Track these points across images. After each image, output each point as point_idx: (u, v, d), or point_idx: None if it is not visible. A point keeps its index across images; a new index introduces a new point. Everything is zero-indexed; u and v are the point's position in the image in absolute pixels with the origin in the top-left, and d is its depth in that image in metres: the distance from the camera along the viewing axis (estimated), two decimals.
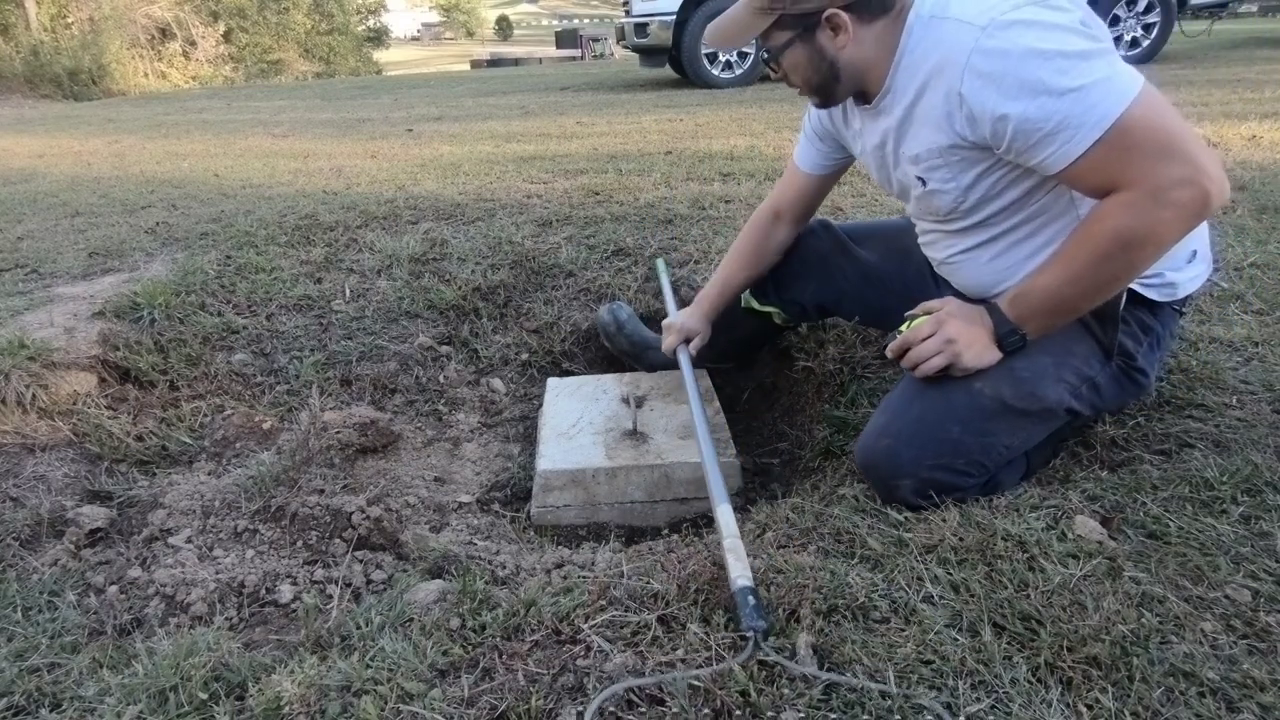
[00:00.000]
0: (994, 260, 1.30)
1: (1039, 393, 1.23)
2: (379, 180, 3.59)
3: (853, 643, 0.93)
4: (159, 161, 4.63)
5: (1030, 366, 1.23)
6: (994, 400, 1.22)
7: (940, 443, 1.22)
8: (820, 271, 1.70)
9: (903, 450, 1.23)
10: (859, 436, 1.32)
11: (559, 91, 8.14)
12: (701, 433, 1.43)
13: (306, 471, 1.50)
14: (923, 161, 1.25)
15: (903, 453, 1.23)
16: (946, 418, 1.23)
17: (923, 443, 1.22)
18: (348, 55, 22.30)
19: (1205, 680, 0.86)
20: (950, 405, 1.24)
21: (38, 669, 1.04)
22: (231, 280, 2.28)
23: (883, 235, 1.69)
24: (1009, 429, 1.23)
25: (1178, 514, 1.12)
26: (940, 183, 1.25)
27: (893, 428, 1.26)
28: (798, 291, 1.73)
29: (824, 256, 1.69)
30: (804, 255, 1.71)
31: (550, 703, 0.88)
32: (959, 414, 1.23)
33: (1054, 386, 1.24)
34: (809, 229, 1.71)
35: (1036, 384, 1.23)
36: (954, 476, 1.22)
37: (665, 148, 4.06)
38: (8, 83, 12.76)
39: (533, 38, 56.28)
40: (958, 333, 1.21)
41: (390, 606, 1.10)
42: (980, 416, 1.22)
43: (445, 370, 2.05)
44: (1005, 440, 1.24)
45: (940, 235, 1.37)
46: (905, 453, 1.22)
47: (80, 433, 1.66)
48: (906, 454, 1.22)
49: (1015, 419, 1.23)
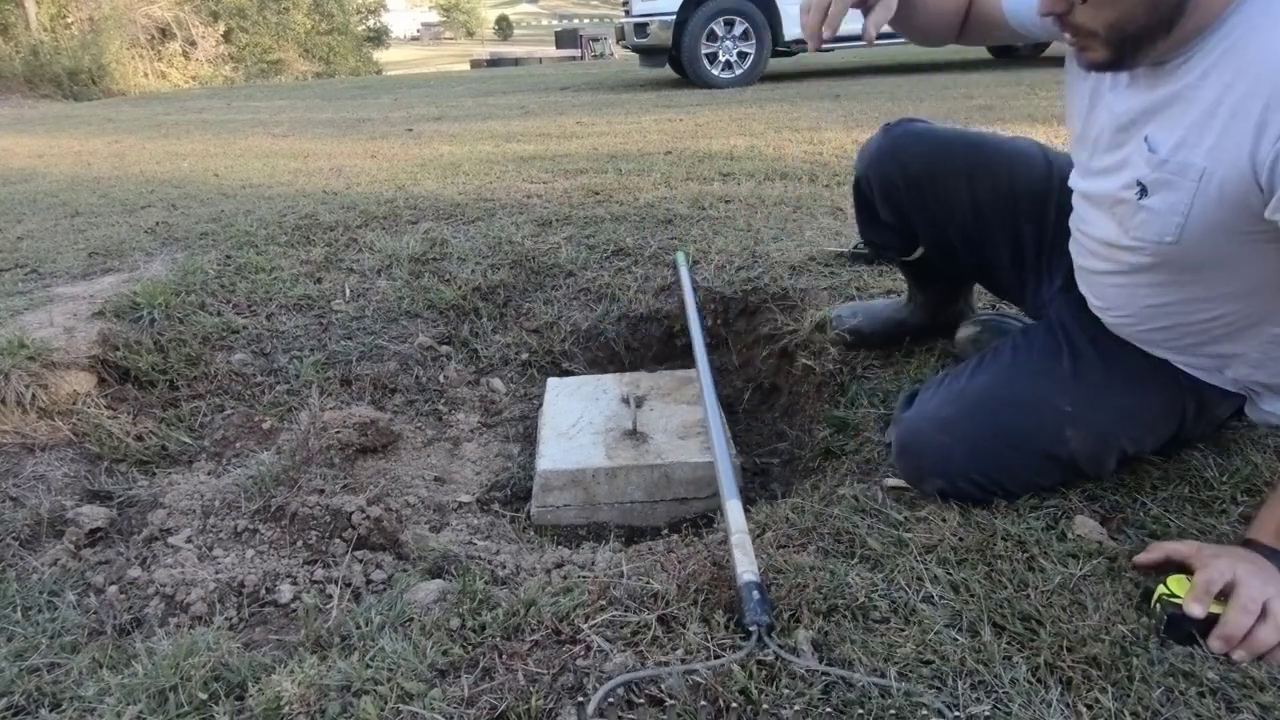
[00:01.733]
0: (1158, 305, 1.09)
1: (1105, 461, 1.18)
2: (379, 180, 3.59)
3: (852, 642, 0.93)
4: (159, 161, 4.63)
5: (1124, 430, 1.16)
6: (1068, 455, 1.15)
7: (996, 463, 1.16)
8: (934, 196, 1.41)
9: (957, 456, 1.16)
10: (909, 412, 1.25)
11: (559, 91, 8.14)
12: (714, 424, 1.42)
13: (306, 471, 1.50)
14: (1165, 166, 0.96)
15: (956, 458, 1.16)
16: (1019, 443, 1.15)
17: (980, 456, 1.15)
18: (348, 55, 22.28)
19: (1205, 680, 0.86)
20: (1026, 437, 1.15)
21: (37, 669, 1.04)
22: (231, 280, 2.28)
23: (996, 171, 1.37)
24: (1060, 475, 1.18)
25: (1178, 514, 1.13)
26: (1164, 205, 0.98)
27: (958, 429, 1.17)
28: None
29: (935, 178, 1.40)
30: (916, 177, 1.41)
31: (550, 703, 0.88)
32: (1033, 446, 1.15)
33: (1114, 456, 1.18)
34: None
35: (1111, 454, 1.17)
36: (983, 493, 1.17)
37: (665, 148, 4.06)
38: (8, 83, 12.75)
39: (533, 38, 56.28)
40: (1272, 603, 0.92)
41: (390, 606, 1.10)
42: (1046, 459, 1.16)
43: (445, 370, 2.05)
44: (1045, 481, 1.18)
45: (1111, 251, 1.11)
46: (959, 459, 1.16)
47: (80, 433, 1.66)
48: (959, 461, 1.16)
49: (1071, 471, 1.18)
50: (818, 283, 2.07)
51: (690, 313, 1.93)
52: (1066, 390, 1.17)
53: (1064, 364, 1.19)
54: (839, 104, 5.56)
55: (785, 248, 2.30)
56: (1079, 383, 1.17)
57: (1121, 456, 1.19)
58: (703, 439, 1.61)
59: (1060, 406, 1.15)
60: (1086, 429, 1.14)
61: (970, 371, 1.24)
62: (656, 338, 2.20)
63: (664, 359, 2.18)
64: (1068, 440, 1.14)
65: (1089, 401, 1.15)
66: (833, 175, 3.19)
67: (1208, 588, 0.92)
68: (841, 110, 5.21)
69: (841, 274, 2.12)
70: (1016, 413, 1.17)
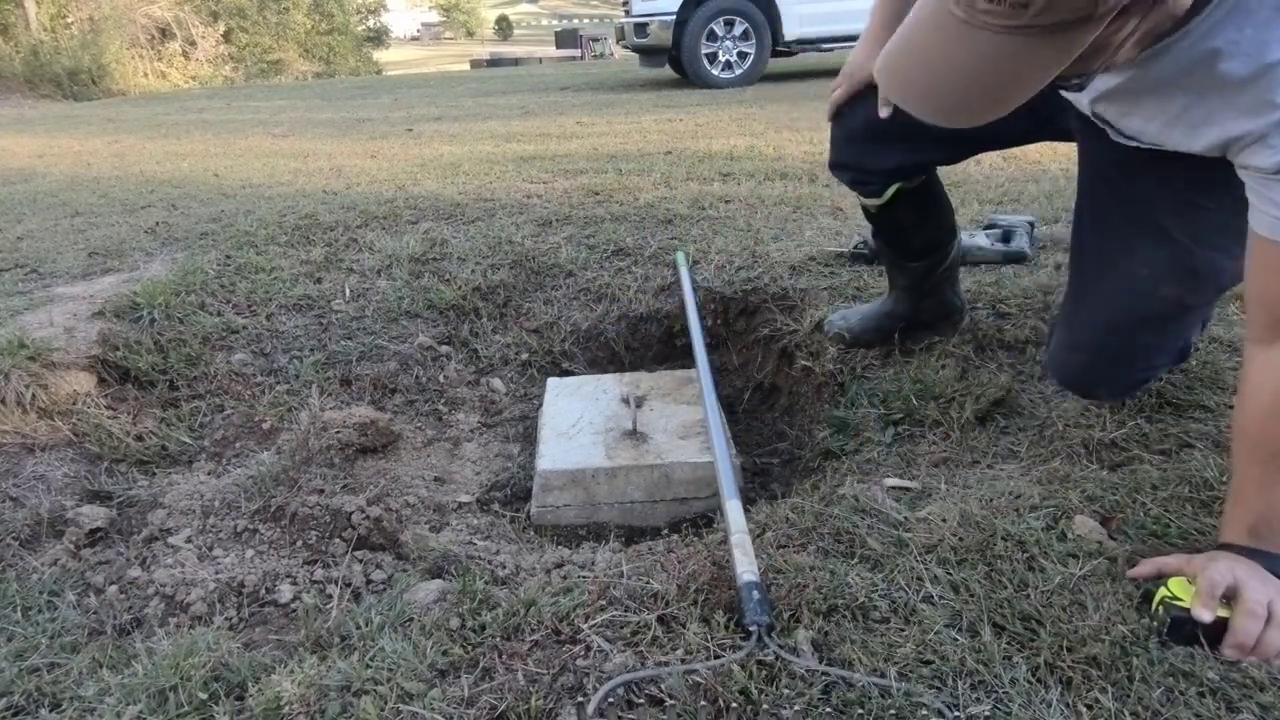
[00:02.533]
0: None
1: (1222, 283, 1.22)
2: (379, 180, 3.59)
3: (852, 642, 0.93)
4: (159, 161, 4.63)
5: (1208, 260, 1.17)
6: (1178, 305, 1.23)
7: (1131, 354, 1.27)
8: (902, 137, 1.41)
9: (1099, 368, 1.28)
10: (1050, 351, 1.37)
11: (559, 91, 8.14)
12: (714, 424, 1.42)
13: (306, 471, 1.50)
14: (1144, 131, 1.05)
15: (1100, 370, 1.28)
16: (1135, 332, 1.25)
17: (1115, 358, 1.27)
18: (348, 55, 22.29)
19: (1205, 680, 0.86)
20: (1140, 317, 1.24)
21: (37, 669, 1.04)
22: (231, 280, 2.28)
23: None
24: (1194, 319, 1.29)
25: (1178, 514, 1.13)
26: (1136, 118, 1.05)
27: (1084, 343, 1.29)
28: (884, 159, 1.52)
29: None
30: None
31: (550, 703, 0.88)
32: (1151, 324, 1.25)
33: (1231, 267, 1.11)
34: None
35: (1220, 275, 1.19)
36: (1147, 372, 1.31)
37: (665, 148, 4.06)
38: (8, 83, 12.75)
39: (532, 38, 56.24)
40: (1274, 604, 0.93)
41: (390, 606, 1.10)
42: (1167, 319, 1.25)
43: (445, 370, 2.05)
44: (1189, 324, 1.28)
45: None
46: (1102, 369, 1.28)
47: (80, 433, 1.66)
48: (1103, 370, 1.28)
49: (1199, 309, 1.28)
50: (818, 283, 2.07)
51: (690, 313, 1.93)
52: (1136, 255, 1.22)
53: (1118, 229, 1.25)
54: None
55: (785, 248, 2.30)
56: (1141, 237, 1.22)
57: (1240, 257, 1.05)
58: (703, 439, 1.61)
59: (1139, 273, 1.22)
60: (1174, 277, 1.20)
61: (1070, 294, 1.35)
62: (656, 338, 2.20)
63: (664, 359, 2.18)
64: (1167, 298, 1.21)
65: (1154, 249, 1.20)
66: (833, 175, 3.19)
67: (1212, 591, 0.92)
68: None
69: (841, 274, 2.12)
70: (1115, 302, 1.25)
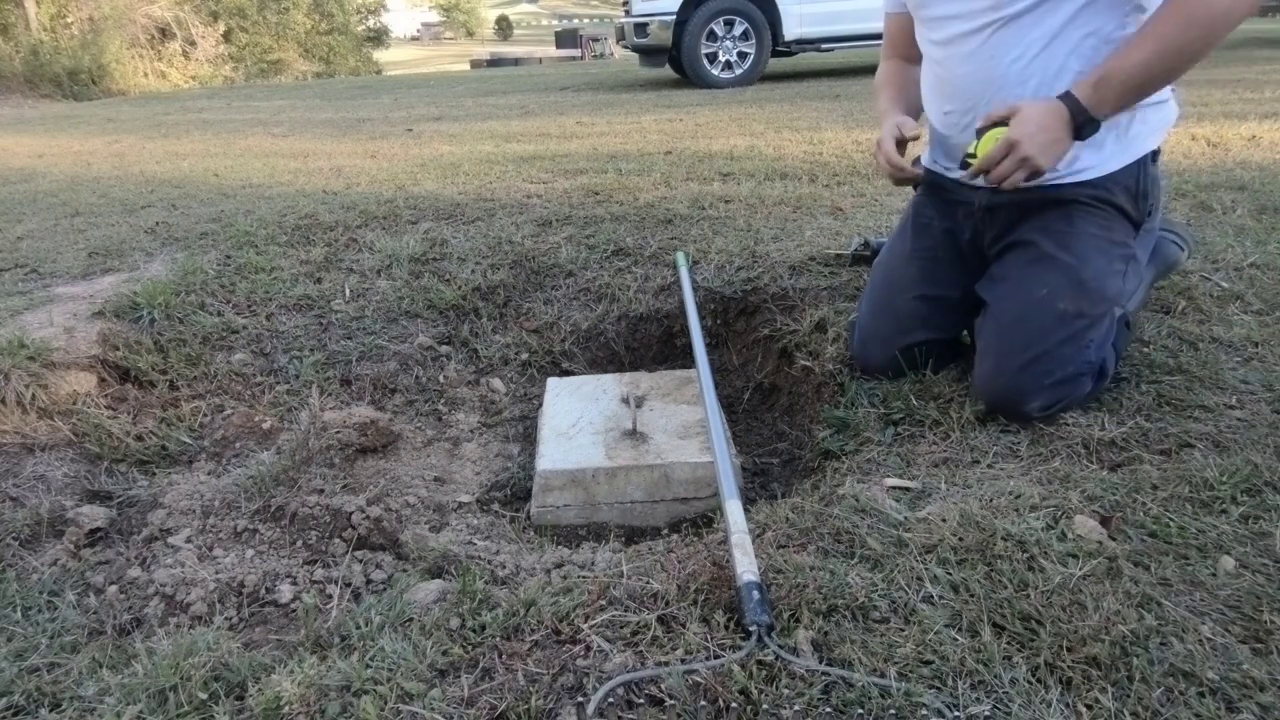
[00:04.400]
0: (1037, 54, 1.39)
1: (1107, 292, 1.42)
2: (379, 180, 3.59)
3: (852, 642, 0.93)
4: (159, 161, 4.62)
5: (1092, 272, 1.41)
6: (1075, 313, 1.40)
7: (1047, 363, 1.38)
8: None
9: (1022, 380, 1.39)
10: (975, 380, 1.49)
11: (559, 91, 8.14)
12: (714, 424, 1.42)
13: (306, 471, 1.50)
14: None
15: (1023, 382, 1.39)
16: (1045, 341, 1.39)
17: (1034, 368, 1.38)
18: (348, 55, 22.28)
19: (1205, 680, 0.86)
20: (1043, 329, 1.40)
21: (37, 669, 1.04)
22: (231, 280, 2.28)
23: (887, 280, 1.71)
24: (1093, 327, 1.41)
25: (1178, 514, 1.13)
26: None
27: (1004, 365, 1.42)
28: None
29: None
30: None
31: (550, 703, 0.88)
32: (1054, 333, 1.39)
33: (1113, 280, 1.43)
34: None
35: (1103, 284, 1.42)
36: (1068, 388, 1.40)
37: (665, 148, 4.06)
38: (8, 83, 12.74)
39: (533, 38, 56.25)
40: (1031, 147, 1.31)
41: (390, 606, 1.10)
42: (1069, 328, 1.40)
43: (445, 370, 2.05)
44: (1094, 336, 1.41)
45: (979, 27, 1.42)
46: (1024, 381, 1.39)
47: (80, 433, 1.66)
48: (1026, 382, 1.39)
49: (1095, 319, 1.41)
50: (818, 283, 2.07)
51: (690, 313, 1.93)
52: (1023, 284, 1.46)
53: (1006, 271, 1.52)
54: (839, 104, 5.56)
55: (785, 248, 2.30)
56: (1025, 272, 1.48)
57: (1121, 273, 1.45)
58: (703, 439, 1.61)
59: (1036, 294, 1.43)
60: (1064, 291, 1.41)
61: (985, 324, 1.51)
62: (656, 338, 2.20)
63: (664, 359, 2.18)
64: (1065, 311, 1.40)
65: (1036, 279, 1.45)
66: (833, 175, 3.19)
67: (988, 118, 1.38)
68: (841, 110, 5.21)
69: (841, 274, 2.12)
70: (1020, 325, 1.43)
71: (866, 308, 1.73)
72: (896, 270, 1.70)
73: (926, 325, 1.64)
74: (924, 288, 1.64)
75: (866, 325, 1.70)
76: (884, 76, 1.78)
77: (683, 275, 2.10)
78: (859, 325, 1.73)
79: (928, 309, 1.63)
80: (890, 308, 1.67)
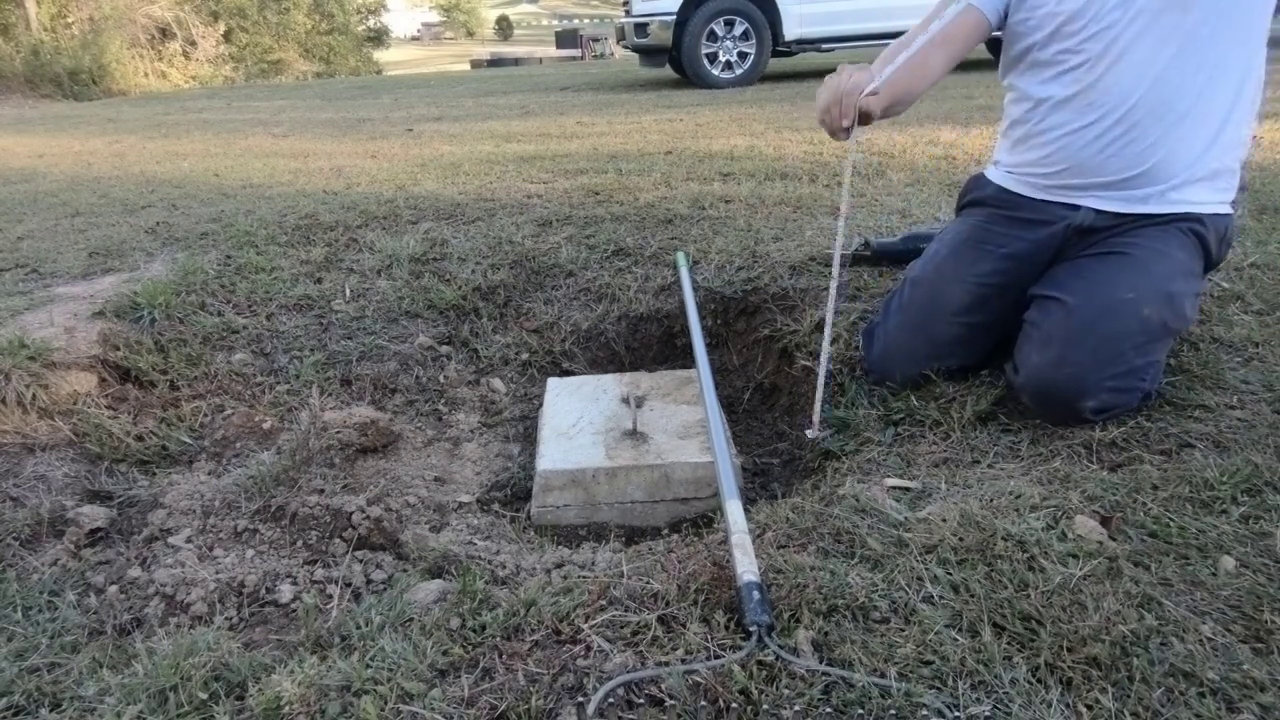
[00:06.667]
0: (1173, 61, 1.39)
1: (1187, 312, 1.42)
2: (379, 180, 3.59)
3: (853, 643, 0.93)
4: (159, 161, 4.62)
5: (1179, 289, 1.40)
6: (1159, 324, 1.37)
7: (1116, 364, 1.35)
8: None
9: (1088, 374, 1.35)
10: (1022, 370, 1.43)
11: (559, 91, 8.14)
12: (714, 424, 1.42)
13: (306, 471, 1.50)
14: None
15: (1088, 376, 1.35)
16: (1123, 343, 1.36)
17: (1103, 365, 1.35)
18: (348, 55, 22.26)
19: (1205, 680, 0.86)
20: (1125, 331, 1.36)
21: (38, 669, 1.04)
22: (231, 280, 2.28)
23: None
24: (1163, 346, 1.41)
25: (1178, 514, 1.13)
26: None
27: (1071, 355, 1.37)
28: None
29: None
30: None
31: (550, 703, 0.88)
32: (1134, 339, 1.36)
33: (1191, 304, 1.44)
34: None
35: (1184, 304, 1.41)
36: (1123, 396, 1.37)
37: (665, 148, 4.06)
38: (8, 83, 12.74)
39: (533, 38, 56.20)
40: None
41: (390, 606, 1.10)
42: (1148, 339, 1.37)
43: (445, 370, 2.05)
44: (1158, 357, 1.40)
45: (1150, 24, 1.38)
46: (1090, 376, 1.35)
47: (80, 433, 1.66)
48: (1092, 377, 1.35)
49: (1170, 335, 1.42)
50: (818, 283, 2.07)
51: (690, 313, 1.93)
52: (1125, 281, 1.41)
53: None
54: None
55: (785, 248, 2.30)
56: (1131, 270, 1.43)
57: (1194, 303, 1.46)
58: (703, 439, 1.61)
59: (1123, 296, 1.39)
60: (1153, 298, 1.38)
61: (1052, 316, 1.44)
62: (656, 338, 2.20)
63: (664, 359, 2.18)
64: (1150, 317, 1.37)
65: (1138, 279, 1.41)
66: (833, 175, 3.19)
67: None
68: None
69: (841, 274, 2.11)
70: (1103, 320, 1.38)
71: (897, 322, 1.62)
72: (944, 292, 1.59)
73: (964, 351, 1.59)
74: (972, 315, 1.56)
75: (894, 340, 1.62)
76: (900, 52, 1.51)
77: (683, 275, 2.10)
78: (883, 338, 1.65)
79: (969, 334, 1.58)
80: (927, 329, 1.58)
